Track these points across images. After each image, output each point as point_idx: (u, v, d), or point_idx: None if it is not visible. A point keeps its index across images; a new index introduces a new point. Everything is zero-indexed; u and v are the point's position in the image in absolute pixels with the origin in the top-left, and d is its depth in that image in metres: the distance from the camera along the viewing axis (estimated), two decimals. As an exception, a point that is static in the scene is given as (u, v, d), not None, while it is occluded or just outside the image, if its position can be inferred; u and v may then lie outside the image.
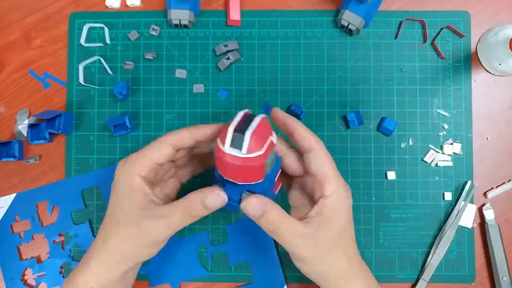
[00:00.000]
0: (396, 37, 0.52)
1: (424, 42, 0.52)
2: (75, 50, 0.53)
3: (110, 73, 0.52)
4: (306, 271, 0.40)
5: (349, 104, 0.52)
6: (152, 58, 0.52)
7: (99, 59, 0.52)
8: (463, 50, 0.52)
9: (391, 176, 0.51)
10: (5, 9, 0.54)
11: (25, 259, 0.51)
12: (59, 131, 0.50)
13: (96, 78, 0.52)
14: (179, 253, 0.51)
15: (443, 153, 0.51)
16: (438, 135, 0.51)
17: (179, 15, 0.50)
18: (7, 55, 0.53)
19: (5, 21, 0.53)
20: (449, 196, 0.51)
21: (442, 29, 0.52)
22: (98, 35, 0.53)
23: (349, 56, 0.52)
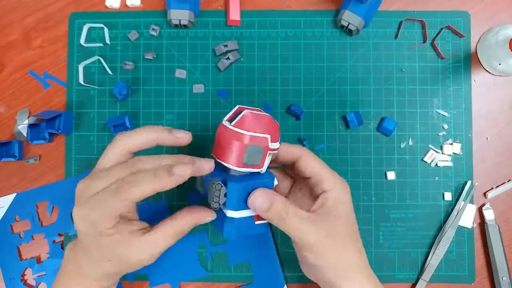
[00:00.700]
0: (396, 37, 0.52)
1: (424, 42, 0.52)
2: (75, 50, 0.53)
3: (110, 73, 0.52)
4: (315, 263, 0.38)
5: (349, 104, 0.52)
6: (152, 58, 0.52)
7: (99, 59, 0.52)
8: (463, 50, 0.52)
9: (391, 176, 0.51)
10: (5, 9, 0.54)
11: (25, 259, 0.51)
12: (59, 131, 0.50)
13: (96, 78, 0.52)
14: (179, 253, 0.51)
15: (443, 153, 0.51)
16: (438, 135, 0.51)
17: (179, 15, 0.50)
18: (7, 55, 0.53)
19: (5, 21, 0.53)
20: (449, 196, 0.51)
21: (442, 29, 0.52)
22: (98, 35, 0.53)
23: (349, 56, 0.52)
